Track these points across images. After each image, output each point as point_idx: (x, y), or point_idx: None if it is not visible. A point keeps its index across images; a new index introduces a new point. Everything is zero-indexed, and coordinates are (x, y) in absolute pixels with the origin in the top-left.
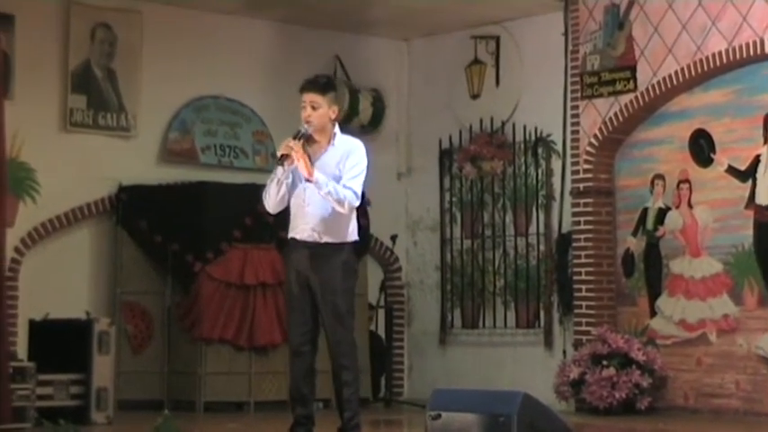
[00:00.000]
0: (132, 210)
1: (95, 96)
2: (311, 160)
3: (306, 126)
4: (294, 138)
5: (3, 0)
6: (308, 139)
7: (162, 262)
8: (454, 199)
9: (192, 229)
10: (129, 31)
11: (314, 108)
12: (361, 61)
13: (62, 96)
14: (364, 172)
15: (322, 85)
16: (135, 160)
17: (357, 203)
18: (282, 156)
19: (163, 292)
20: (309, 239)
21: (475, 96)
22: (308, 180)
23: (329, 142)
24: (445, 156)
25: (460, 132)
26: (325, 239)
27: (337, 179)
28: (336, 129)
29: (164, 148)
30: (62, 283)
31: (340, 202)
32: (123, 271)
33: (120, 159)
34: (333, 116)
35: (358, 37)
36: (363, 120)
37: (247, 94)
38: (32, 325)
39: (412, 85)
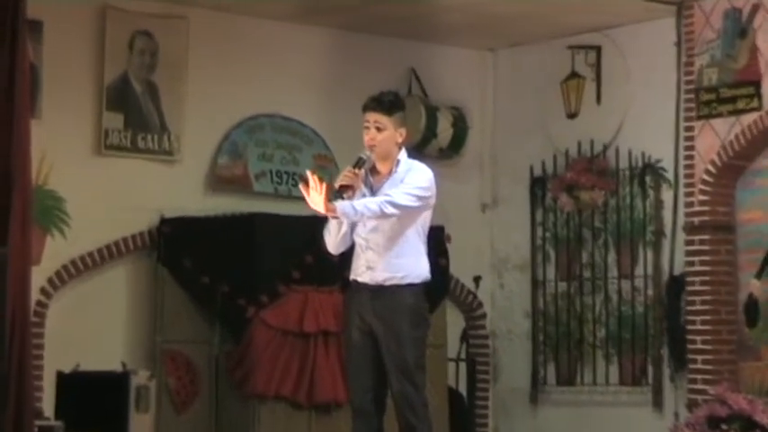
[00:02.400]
0: (176, 245)
1: (134, 115)
2: (372, 191)
3: (368, 152)
4: (354, 166)
5: (30, 4)
6: (370, 168)
7: (209, 306)
8: (547, 234)
9: (243, 268)
10: (172, 39)
11: (378, 130)
12: (440, 75)
13: (96, 115)
14: (419, 191)
15: (388, 103)
16: (179, 188)
17: (401, 203)
18: (341, 187)
19: (210, 341)
20: (372, 282)
21: (572, 116)
22: (333, 217)
23: (392, 171)
24: (537, 184)
25: (555, 157)
26: (390, 282)
27: None
28: (402, 154)
29: (212, 174)
30: (95, 329)
31: (378, 215)
32: (165, 316)
33: (162, 187)
34: (399, 140)
35: (436, 47)
36: (442, 143)
37: (308, 113)
38: (60, 378)
39: (498, 102)
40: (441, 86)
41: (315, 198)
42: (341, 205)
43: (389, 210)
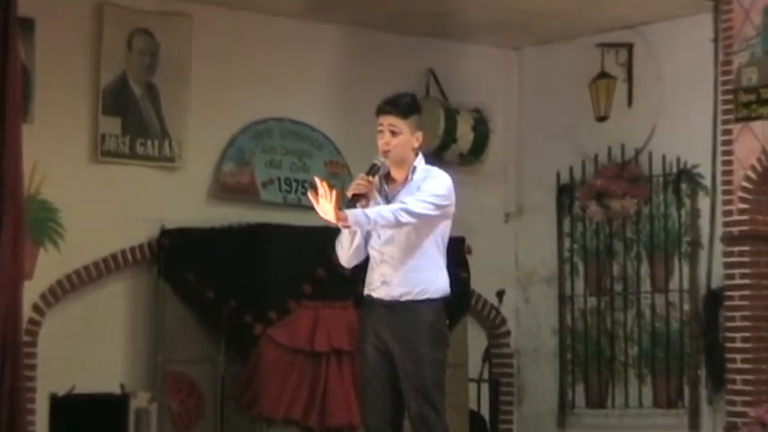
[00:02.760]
0: (177, 258)
1: (133, 119)
2: (387, 199)
3: (382, 158)
4: (367, 173)
5: (21, 1)
6: (385, 175)
7: (214, 323)
8: (576, 246)
9: (250, 282)
10: (174, 38)
11: (393, 134)
12: (460, 75)
13: (92, 119)
14: (436, 198)
15: (404, 105)
16: (181, 197)
17: (416, 211)
18: (354, 196)
19: (215, 361)
20: (387, 298)
21: (602, 118)
22: (345, 226)
23: (408, 178)
24: (564, 192)
25: (583, 163)
26: (407, 297)
27: None
28: (419, 160)
29: (216, 182)
30: (91, 349)
31: (392, 223)
32: (166, 334)
33: (163, 196)
34: (416, 145)
35: (456, 45)
36: (462, 148)
37: (318, 116)
38: (55, 401)
39: (523, 104)
40: (461, 88)
41: (324, 207)
42: (353, 213)
43: (404, 218)
